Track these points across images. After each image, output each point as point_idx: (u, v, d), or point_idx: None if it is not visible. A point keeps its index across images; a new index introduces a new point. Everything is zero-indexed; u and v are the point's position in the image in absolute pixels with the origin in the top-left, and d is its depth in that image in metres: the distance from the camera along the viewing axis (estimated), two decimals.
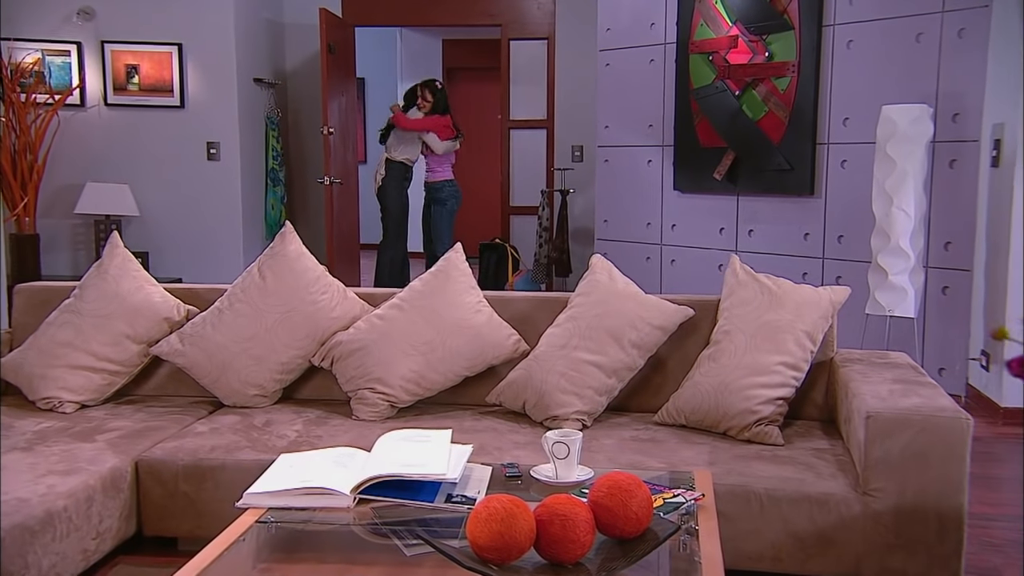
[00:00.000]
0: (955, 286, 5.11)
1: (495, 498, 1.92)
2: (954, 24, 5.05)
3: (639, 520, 1.97)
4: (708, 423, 3.20)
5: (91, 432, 3.28)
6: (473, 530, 1.90)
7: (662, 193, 6.47)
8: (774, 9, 5.73)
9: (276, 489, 2.35)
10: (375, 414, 3.40)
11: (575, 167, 7.98)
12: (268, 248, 3.69)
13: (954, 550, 2.76)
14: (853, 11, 5.44)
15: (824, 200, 5.62)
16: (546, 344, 3.40)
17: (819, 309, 3.27)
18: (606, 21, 6.78)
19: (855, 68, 5.46)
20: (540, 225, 7.81)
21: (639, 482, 2.01)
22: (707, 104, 6.09)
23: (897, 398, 2.84)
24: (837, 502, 2.77)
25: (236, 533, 2.21)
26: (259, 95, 7.73)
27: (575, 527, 1.90)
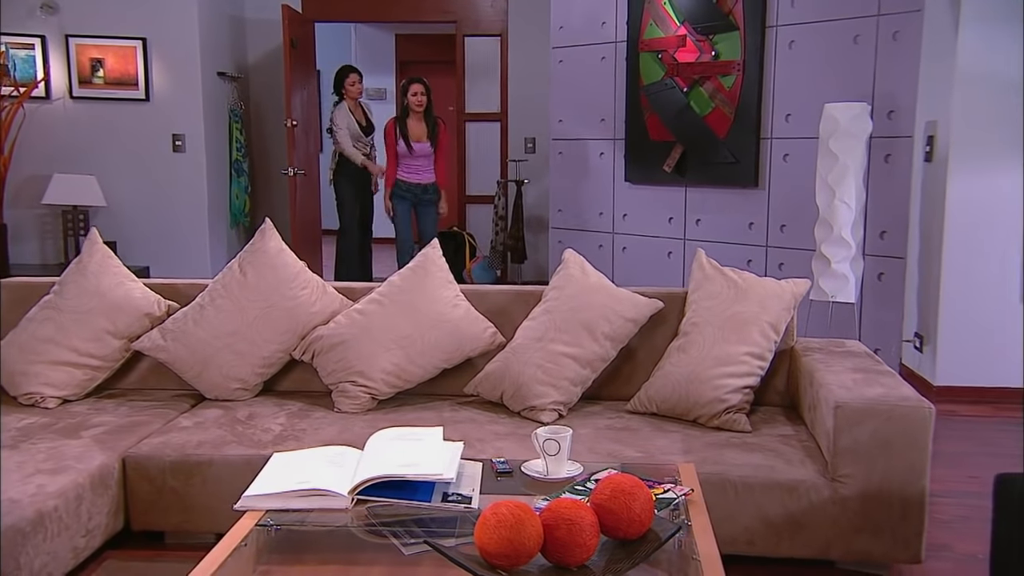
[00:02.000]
0: (890, 272, 5.12)
1: (502, 504, 1.82)
2: (889, 27, 5.02)
3: (641, 522, 1.89)
4: (679, 411, 3.14)
5: (76, 428, 3.11)
6: (482, 537, 1.80)
7: (614, 184, 6.40)
8: (720, 10, 5.67)
9: (274, 491, 2.23)
10: (356, 406, 3.28)
11: (528, 158, 7.89)
12: (248, 244, 3.54)
13: (916, 531, 2.75)
14: (794, 13, 5.40)
15: (767, 191, 5.59)
16: (523, 336, 3.31)
17: (782, 301, 3.22)
18: (559, 19, 6.66)
19: (796, 67, 5.42)
20: (496, 214, 7.69)
21: (640, 484, 1.93)
22: (656, 100, 6.02)
23: (862, 388, 2.81)
24: (807, 488, 2.73)
25: (238, 537, 2.09)
26: (222, 88, 7.51)
27: (581, 531, 1.81)
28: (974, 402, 4.67)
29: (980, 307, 4.70)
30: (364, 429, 3.08)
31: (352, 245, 7.27)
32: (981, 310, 4.70)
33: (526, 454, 2.81)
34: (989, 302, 4.69)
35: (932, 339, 4.82)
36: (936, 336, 4.78)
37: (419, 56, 11.46)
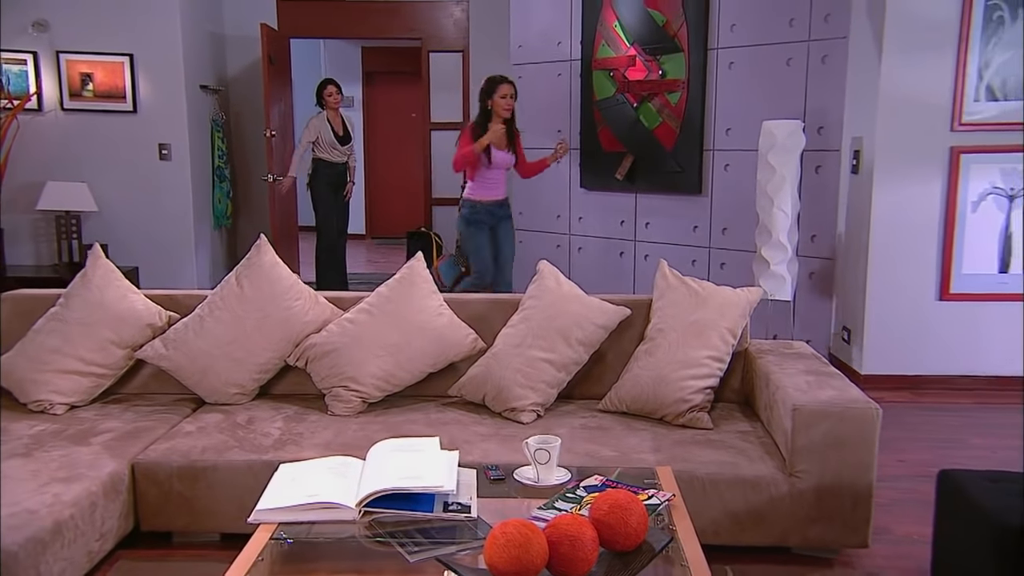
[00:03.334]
0: (820, 272, 5.14)
1: (510, 523, 1.75)
2: (818, 51, 5.02)
3: (637, 534, 1.84)
4: (647, 410, 3.10)
5: (85, 434, 2.97)
6: (491, 555, 1.72)
7: (570, 190, 6.34)
8: (666, 33, 5.62)
9: (284, 505, 2.13)
10: (349, 409, 3.18)
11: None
12: (244, 259, 3.40)
13: (863, 519, 2.74)
14: (734, 37, 5.37)
15: (710, 198, 5.57)
16: (503, 343, 3.23)
17: (738, 308, 3.19)
18: (517, 39, 6.57)
19: (735, 86, 5.40)
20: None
21: (635, 499, 1.88)
22: (609, 114, 5.97)
23: (815, 391, 2.79)
24: (767, 483, 2.71)
25: (254, 552, 1.99)
26: (205, 100, 7.27)
27: (583, 546, 1.75)
28: (895, 389, 4.70)
29: (900, 303, 4.73)
30: (357, 432, 3.01)
31: (329, 245, 7.09)
32: (901, 306, 4.73)
33: (510, 455, 2.75)
34: (908, 299, 4.72)
35: (858, 332, 4.85)
36: (862, 329, 4.80)
37: (384, 67, 11.27)
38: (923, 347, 4.74)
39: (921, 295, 4.71)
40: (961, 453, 3.83)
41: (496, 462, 2.67)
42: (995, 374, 4.72)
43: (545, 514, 2.08)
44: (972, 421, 4.27)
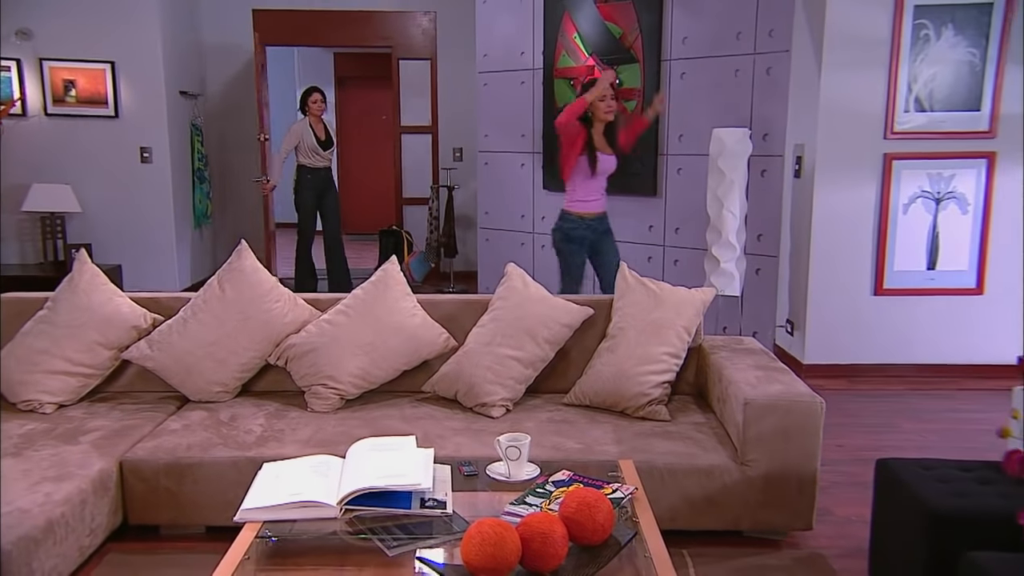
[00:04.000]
0: (765, 268, 5.19)
1: (485, 523, 1.74)
2: (763, 64, 5.05)
3: (604, 529, 1.84)
4: (608, 404, 3.10)
5: (74, 433, 2.90)
6: (468, 553, 1.72)
7: (533, 191, 6.32)
8: (622, 45, 5.62)
9: (268, 504, 2.09)
10: (327, 406, 3.14)
11: (457, 166, 7.74)
12: (226, 264, 3.33)
13: (808, 504, 2.77)
14: (685, 50, 5.38)
15: (664, 199, 5.59)
16: (473, 342, 3.21)
17: (693, 307, 3.20)
18: (483, 48, 6.52)
19: (687, 95, 5.42)
20: (430, 215, 7.52)
21: (602, 496, 1.88)
22: None
23: (765, 385, 2.80)
24: (721, 472, 2.73)
25: (241, 551, 1.96)
26: (184, 105, 7.13)
27: (554, 542, 1.75)
28: (834, 377, 4.75)
29: (839, 298, 4.78)
30: (336, 427, 2.97)
31: (308, 248, 6.89)
32: (840, 300, 4.78)
33: (482, 449, 2.74)
34: (846, 294, 4.78)
35: (801, 324, 4.90)
36: (804, 322, 4.85)
37: (356, 72, 11.13)
38: (859, 338, 4.80)
39: (858, 290, 4.76)
40: (894, 437, 3.89)
41: (468, 455, 2.66)
42: (924, 362, 4.80)
43: (517, 509, 2.07)
44: (903, 407, 4.33)
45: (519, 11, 6.19)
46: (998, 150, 4.62)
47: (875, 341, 4.79)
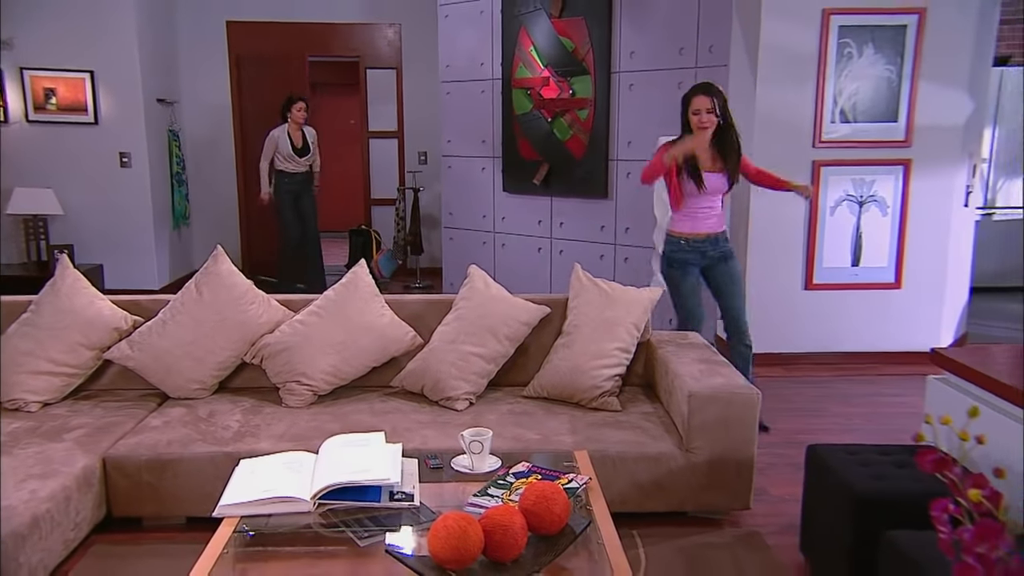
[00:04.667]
0: None
1: (450, 517, 1.74)
2: (703, 77, 5.07)
3: (560, 520, 1.85)
4: (564, 396, 3.11)
5: (58, 431, 2.83)
6: (434, 545, 1.71)
7: (494, 193, 6.30)
8: (575, 58, 5.61)
9: (245, 500, 2.07)
10: (301, 401, 3.11)
11: (422, 169, 7.68)
12: (203, 268, 3.28)
13: (746, 486, 2.82)
14: (633, 63, 5.40)
15: (615, 201, 5.61)
16: (439, 339, 3.19)
17: (642, 306, 3.22)
18: (445, 59, 6.47)
19: (635, 104, 5.44)
20: (397, 215, 7.47)
21: (558, 489, 1.88)
22: (527, 127, 5.94)
23: (708, 378, 2.84)
24: (668, 458, 2.76)
25: (220, 545, 1.93)
26: (162, 112, 6.97)
27: (514, 533, 1.75)
28: (770, 365, 4.82)
29: (773, 292, 4.84)
30: (310, 422, 2.94)
31: (290, 247, 6.74)
32: (774, 294, 4.84)
33: (447, 440, 2.73)
34: (780, 288, 4.84)
35: None
36: None
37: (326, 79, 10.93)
38: (792, 329, 4.87)
39: (790, 285, 4.83)
40: (823, 420, 3.96)
41: (435, 448, 2.66)
42: (849, 350, 4.89)
43: (480, 500, 2.07)
44: (831, 392, 4.41)
45: (479, 25, 6.15)
46: (913, 158, 4.71)
47: (806, 332, 4.87)
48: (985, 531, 1.09)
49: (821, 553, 2.53)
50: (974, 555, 1.10)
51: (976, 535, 1.10)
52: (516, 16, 5.86)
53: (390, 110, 7.81)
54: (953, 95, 4.68)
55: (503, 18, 5.95)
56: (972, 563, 1.10)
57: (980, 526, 1.10)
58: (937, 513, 1.26)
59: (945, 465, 1.27)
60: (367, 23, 7.57)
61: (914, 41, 4.60)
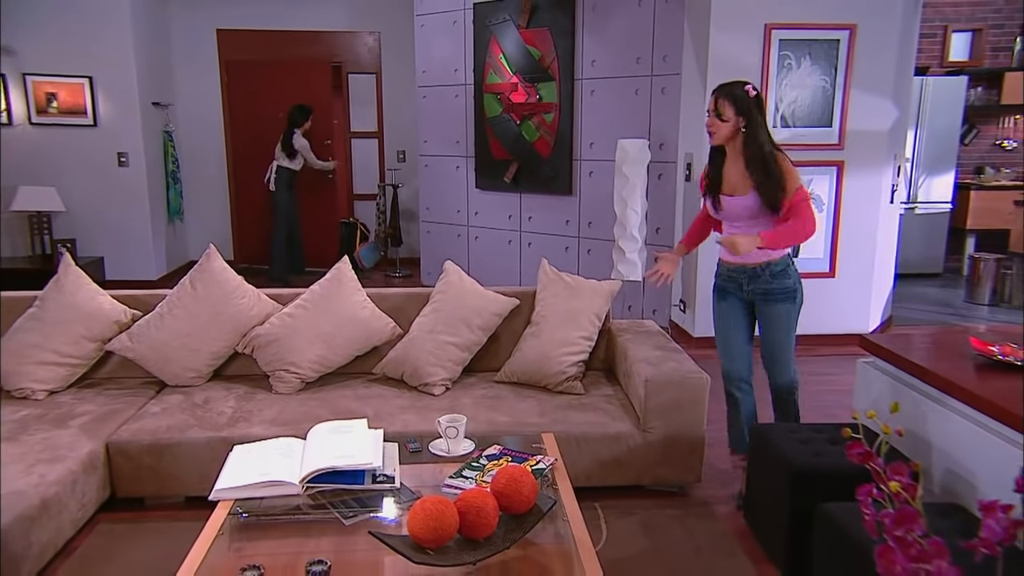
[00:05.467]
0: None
1: (428, 500, 1.73)
2: (659, 84, 5.09)
3: (529, 500, 1.85)
4: (533, 381, 3.11)
5: (64, 418, 2.78)
6: (414, 526, 1.70)
7: (467, 190, 6.27)
8: (541, 65, 5.58)
9: (239, 484, 2.04)
10: (290, 388, 3.08)
11: (400, 167, 7.60)
12: (196, 265, 3.21)
13: (698, 460, 2.85)
14: (594, 71, 5.38)
15: (579, 198, 5.61)
16: (417, 329, 3.18)
17: (603, 297, 3.23)
18: (421, 65, 6.40)
19: (596, 109, 5.43)
20: (378, 209, 7.39)
21: (527, 472, 1.88)
22: (497, 129, 5.90)
23: (662, 364, 2.86)
24: (626, 437, 2.78)
25: (215, 527, 1.91)
26: (157, 114, 6.80)
27: (486, 513, 1.75)
28: None
29: None
30: (299, 408, 2.91)
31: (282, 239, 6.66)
32: None
33: (426, 424, 2.72)
34: None
35: (692, 303, 4.99)
36: (694, 301, 4.95)
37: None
38: None
39: None
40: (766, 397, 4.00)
41: (415, 431, 2.64)
42: None
43: (455, 482, 2.07)
44: None
45: (452, 34, 6.08)
46: (845, 159, 4.76)
47: None
48: (903, 516, 1.11)
49: (763, 523, 2.57)
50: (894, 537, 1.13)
51: (895, 520, 1.12)
52: (487, 26, 5.80)
53: (371, 112, 7.71)
54: (880, 102, 4.73)
55: (475, 28, 5.88)
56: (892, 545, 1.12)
57: (899, 512, 1.13)
58: (863, 497, 1.28)
59: (870, 457, 1.29)
60: (349, 31, 7.44)
61: (846, 54, 4.64)
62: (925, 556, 1.05)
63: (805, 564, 2.31)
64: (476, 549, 1.74)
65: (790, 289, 2.81)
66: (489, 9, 5.77)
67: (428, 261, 6.65)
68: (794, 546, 2.33)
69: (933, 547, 1.07)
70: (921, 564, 1.05)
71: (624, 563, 2.42)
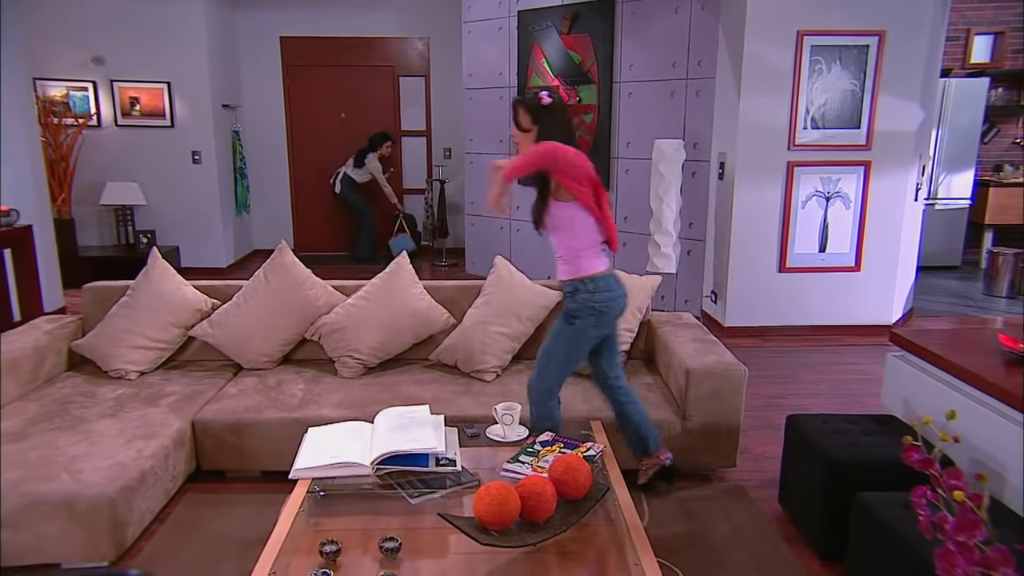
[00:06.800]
0: (695, 250, 5.18)
1: (493, 486, 1.72)
2: (694, 87, 4.98)
3: (584, 487, 1.83)
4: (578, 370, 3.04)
5: (154, 397, 2.84)
6: (479, 509, 1.70)
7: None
8: (581, 69, 5.49)
9: (316, 464, 2.06)
10: (353, 372, 3.09)
11: (446, 163, 7.58)
12: (269, 259, 3.23)
13: (734, 447, 2.80)
14: (632, 74, 5.28)
15: (616, 194, 5.54)
16: (470, 320, 3.16)
17: (644, 291, 3.18)
18: (468, 69, 6.34)
19: (633, 110, 5.33)
20: (426, 203, 7.39)
21: (582, 460, 1.86)
22: None
23: (702, 356, 2.80)
24: (667, 424, 2.74)
25: (296, 504, 1.92)
26: (227, 115, 6.87)
27: (545, 499, 1.74)
28: (748, 336, 4.79)
29: (752, 274, 4.79)
30: (362, 391, 2.93)
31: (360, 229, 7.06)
32: (753, 276, 4.79)
33: (479, 408, 2.72)
34: (758, 270, 4.78)
35: (722, 294, 4.91)
36: (725, 293, 4.87)
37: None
38: (768, 306, 4.82)
39: (766, 268, 4.77)
40: (795, 386, 3.93)
41: (469, 415, 2.65)
42: (816, 324, 4.84)
43: (512, 467, 2.06)
44: (800, 360, 4.38)
45: (498, 40, 6.01)
46: (873, 160, 4.61)
47: (780, 308, 4.82)
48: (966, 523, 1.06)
49: (799, 508, 2.52)
50: (955, 542, 1.08)
51: (958, 526, 1.07)
52: (530, 32, 5.72)
53: (419, 112, 7.69)
54: (907, 104, 4.56)
55: (519, 34, 5.81)
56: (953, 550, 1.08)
57: (962, 518, 1.08)
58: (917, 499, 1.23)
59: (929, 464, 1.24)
60: (400, 37, 7.41)
61: (875, 59, 4.47)
62: (990, 563, 1.01)
63: (840, 549, 2.26)
64: (536, 532, 1.73)
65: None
66: (533, 16, 5.69)
67: (472, 252, 6.64)
68: (830, 531, 2.28)
69: (998, 555, 1.02)
70: (986, 570, 1.00)
71: (667, 542, 2.40)
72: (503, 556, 1.71)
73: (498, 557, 1.70)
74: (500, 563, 1.69)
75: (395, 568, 1.68)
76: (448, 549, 1.78)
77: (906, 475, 2.20)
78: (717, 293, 4.99)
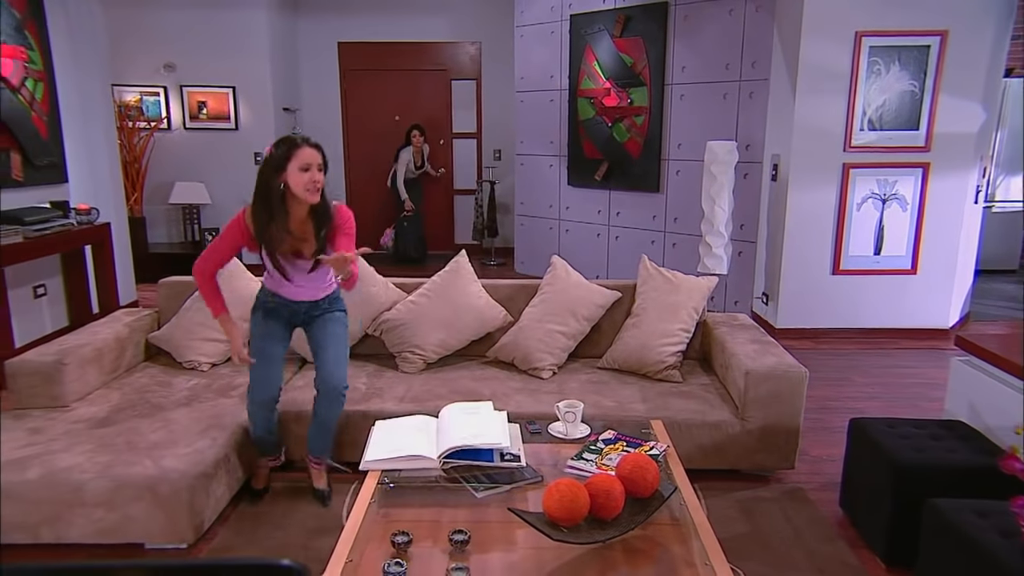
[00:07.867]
0: (746, 252, 5.07)
1: (562, 482, 1.71)
2: (747, 89, 4.87)
3: (652, 486, 1.80)
4: (633, 368, 3.04)
5: (225, 388, 2.90)
6: (549, 505, 1.69)
7: (559, 186, 6.20)
8: (633, 72, 5.43)
9: (384, 457, 2.07)
10: (414, 368, 3.11)
11: (496, 165, 7.59)
12: None
13: (792, 449, 2.72)
14: (684, 76, 5.20)
15: (666, 195, 5.46)
16: (527, 318, 3.15)
17: (701, 292, 3.12)
18: (520, 72, 6.34)
19: (685, 112, 5.25)
20: (476, 203, 7.41)
21: (650, 460, 1.83)
22: (590, 131, 5.80)
23: (761, 358, 2.73)
24: (726, 425, 2.68)
25: (368, 494, 1.94)
26: (287, 118, 7.01)
27: (614, 496, 1.72)
28: (800, 339, 4.67)
29: (805, 275, 4.67)
30: (423, 386, 2.93)
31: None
32: (805, 277, 4.67)
33: (537, 406, 2.70)
34: (811, 272, 4.66)
35: (774, 296, 4.80)
36: (777, 294, 4.75)
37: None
38: (821, 308, 4.69)
39: (820, 270, 4.64)
40: (850, 389, 3.81)
41: (527, 411, 2.63)
42: (870, 327, 4.70)
43: (577, 464, 2.04)
44: (854, 363, 4.25)
45: (550, 43, 5.99)
46: (932, 161, 4.44)
47: (833, 310, 4.69)
48: None
49: (862, 512, 2.43)
50: None
51: None
52: (582, 36, 5.68)
53: (470, 114, 7.72)
54: (969, 105, 4.38)
55: (571, 37, 5.78)
56: None
57: None
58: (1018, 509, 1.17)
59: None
60: (452, 41, 7.45)
61: (936, 59, 4.30)
62: None
63: (906, 554, 2.18)
64: (605, 529, 1.71)
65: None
66: (585, 20, 5.65)
67: (521, 251, 6.63)
68: (897, 536, 2.20)
69: None
70: None
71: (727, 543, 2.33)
72: (571, 552, 1.69)
73: (566, 553, 1.69)
74: (568, 559, 1.67)
75: (465, 560, 1.68)
76: (516, 543, 1.77)
77: (976, 481, 2.11)
78: (768, 295, 4.87)
